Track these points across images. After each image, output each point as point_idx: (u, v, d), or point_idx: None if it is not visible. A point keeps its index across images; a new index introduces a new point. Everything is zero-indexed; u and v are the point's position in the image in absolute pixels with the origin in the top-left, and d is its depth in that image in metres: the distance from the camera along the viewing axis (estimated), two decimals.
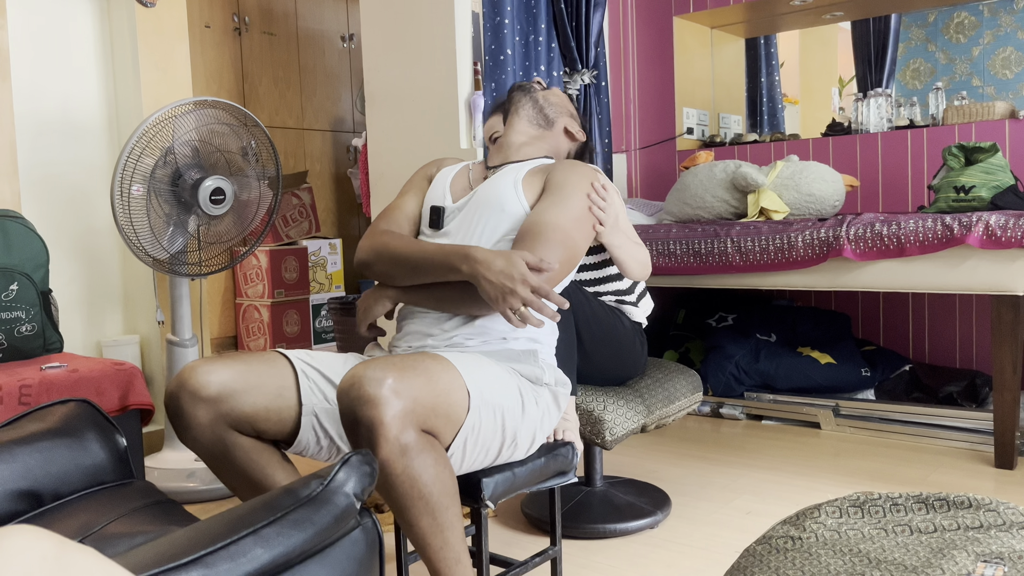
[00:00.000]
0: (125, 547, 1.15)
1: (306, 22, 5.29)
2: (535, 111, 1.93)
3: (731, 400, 3.44)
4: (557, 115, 1.95)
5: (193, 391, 1.51)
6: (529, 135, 1.92)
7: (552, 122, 1.94)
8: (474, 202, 1.77)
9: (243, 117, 2.61)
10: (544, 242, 1.61)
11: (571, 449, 1.78)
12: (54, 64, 2.85)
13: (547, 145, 1.94)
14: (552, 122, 1.94)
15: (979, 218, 2.61)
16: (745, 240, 3.03)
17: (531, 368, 1.65)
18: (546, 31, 3.18)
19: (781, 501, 2.46)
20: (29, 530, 0.69)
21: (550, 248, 1.61)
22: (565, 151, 1.99)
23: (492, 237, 1.72)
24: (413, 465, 1.36)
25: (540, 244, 1.61)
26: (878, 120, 3.68)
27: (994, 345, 2.69)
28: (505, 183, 1.76)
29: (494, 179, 1.79)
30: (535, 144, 1.92)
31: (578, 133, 1.99)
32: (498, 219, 1.72)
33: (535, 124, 1.92)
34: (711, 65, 4.42)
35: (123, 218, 2.44)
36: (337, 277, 5.35)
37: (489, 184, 1.78)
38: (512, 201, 1.72)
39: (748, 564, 1.16)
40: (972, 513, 1.13)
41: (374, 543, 1.08)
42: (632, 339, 2.16)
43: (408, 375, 1.38)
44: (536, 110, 1.93)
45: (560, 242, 1.63)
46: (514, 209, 1.72)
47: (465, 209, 1.77)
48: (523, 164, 1.84)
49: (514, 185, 1.75)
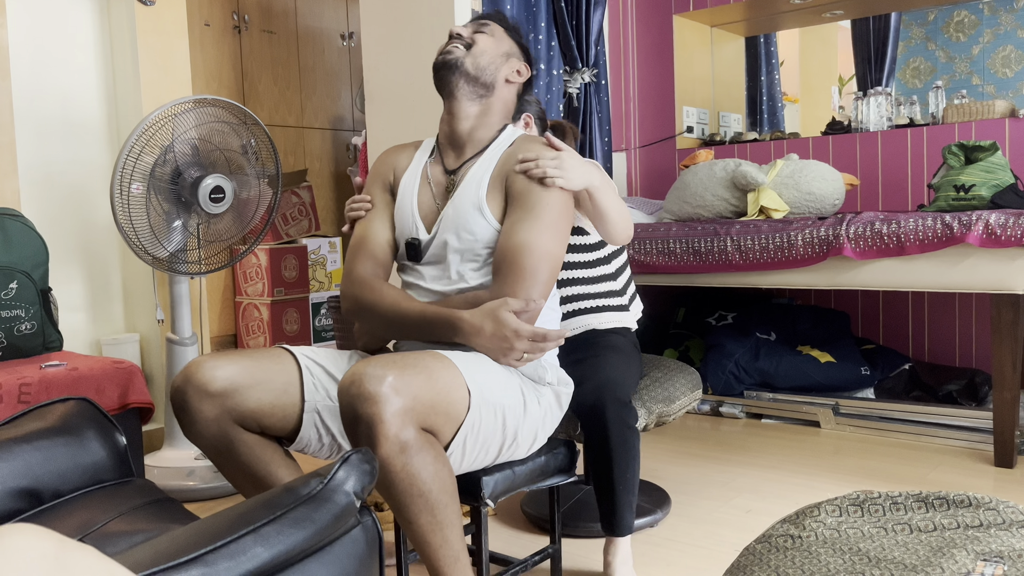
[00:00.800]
0: (125, 545, 1.15)
1: (306, 20, 5.29)
2: (470, 85, 1.74)
3: (731, 399, 3.44)
4: (494, 72, 1.76)
5: (199, 386, 1.51)
6: (474, 114, 1.76)
7: (492, 84, 1.76)
8: (444, 228, 1.70)
9: (243, 115, 2.61)
10: (523, 275, 1.57)
11: (571, 448, 1.78)
12: (54, 63, 2.85)
13: (496, 111, 1.78)
14: (492, 84, 1.76)
15: (979, 217, 2.61)
16: (745, 239, 3.03)
17: (533, 367, 1.65)
18: (546, 29, 3.18)
19: (781, 500, 2.46)
20: (29, 528, 0.69)
21: (532, 277, 1.57)
22: (515, 97, 1.83)
23: (470, 258, 1.68)
24: (412, 463, 1.36)
25: (520, 279, 1.57)
26: (878, 119, 3.68)
27: (994, 344, 2.69)
28: (468, 207, 1.68)
29: (457, 199, 1.70)
30: (484, 120, 1.77)
31: (522, 71, 1.81)
32: (471, 243, 1.67)
33: (476, 98, 1.75)
34: (711, 63, 4.42)
35: (123, 216, 2.44)
36: (337, 275, 5.34)
37: (454, 207, 1.69)
38: (481, 226, 1.66)
39: (748, 563, 1.16)
40: (972, 512, 1.13)
41: (374, 541, 1.08)
42: (631, 358, 2.06)
43: (408, 373, 1.38)
44: (471, 83, 1.74)
45: (539, 262, 1.58)
46: (484, 233, 1.66)
47: (438, 237, 1.70)
48: (482, 167, 1.72)
49: (479, 208, 1.67)
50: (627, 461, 1.81)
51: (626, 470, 1.81)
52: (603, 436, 1.79)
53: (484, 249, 1.67)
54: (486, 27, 1.79)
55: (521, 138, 1.77)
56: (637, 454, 1.83)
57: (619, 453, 1.80)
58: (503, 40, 1.80)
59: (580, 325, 2.10)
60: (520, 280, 1.57)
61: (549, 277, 1.61)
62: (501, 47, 1.79)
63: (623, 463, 1.80)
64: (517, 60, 1.81)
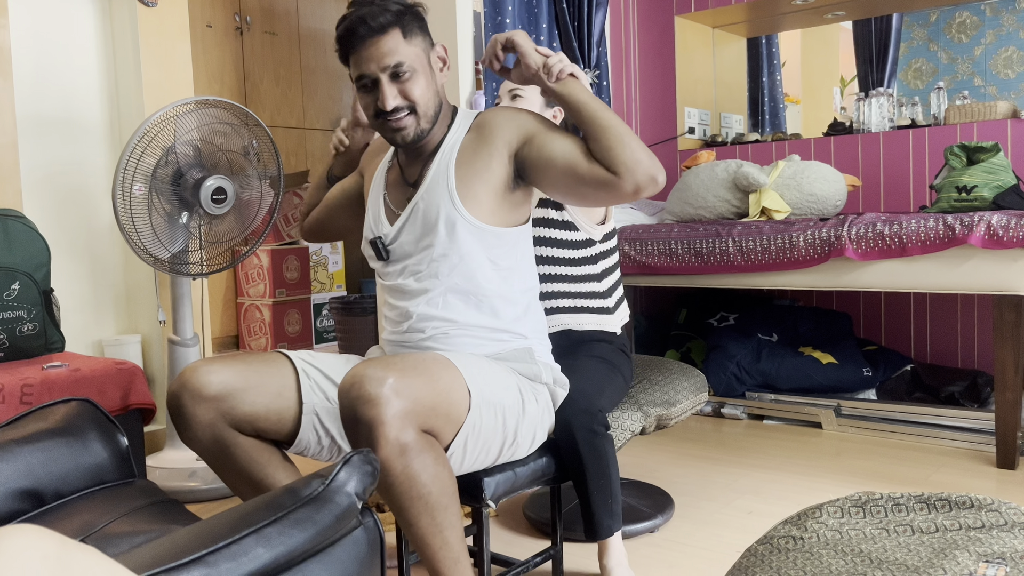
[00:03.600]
0: (127, 546, 1.15)
1: (307, 21, 5.29)
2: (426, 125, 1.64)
3: (733, 400, 3.44)
4: (435, 94, 1.64)
5: (194, 391, 1.51)
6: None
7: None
8: (409, 227, 1.65)
9: (244, 116, 2.62)
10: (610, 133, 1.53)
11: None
12: (56, 64, 2.85)
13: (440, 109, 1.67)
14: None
15: (981, 218, 2.61)
16: (747, 240, 3.03)
17: (529, 366, 1.65)
18: (548, 31, 3.18)
19: (782, 501, 2.46)
20: (31, 529, 0.69)
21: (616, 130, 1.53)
22: (443, 80, 1.70)
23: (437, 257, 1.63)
24: (412, 465, 1.36)
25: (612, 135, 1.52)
26: (880, 120, 3.68)
27: (996, 345, 2.68)
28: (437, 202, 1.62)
29: (425, 195, 1.64)
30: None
31: (443, 56, 1.68)
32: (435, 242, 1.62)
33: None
34: (713, 65, 4.42)
35: (125, 218, 2.44)
36: (338, 277, 5.35)
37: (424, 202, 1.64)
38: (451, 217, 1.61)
39: (750, 564, 1.16)
40: (974, 513, 1.12)
41: (375, 543, 1.08)
42: (612, 367, 2.01)
43: (409, 375, 1.38)
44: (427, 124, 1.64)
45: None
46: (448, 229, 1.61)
47: (402, 235, 1.66)
48: (445, 161, 1.64)
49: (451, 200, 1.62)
50: (599, 467, 1.80)
51: (599, 476, 1.80)
52: (572, 446, 1.78)
53: (449, 247, 1.62)
54: (402, 67, 1.57)
55: (491, 110, 1.70)
56: (611, 458, 1.81)
57: (590, 460, 1.78)
58: (415, 49, 1.59)
59: (557, 324, 2.04)
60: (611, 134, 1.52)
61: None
62: (422, 63, 1.61)
63: (595, 468, 1.79)
64: (431, 49, 1.64)
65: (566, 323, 2.06)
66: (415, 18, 1.61)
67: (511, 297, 1.67)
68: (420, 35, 1.61)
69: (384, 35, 1.56)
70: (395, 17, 1.56)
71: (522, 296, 1.70)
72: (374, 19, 1.54)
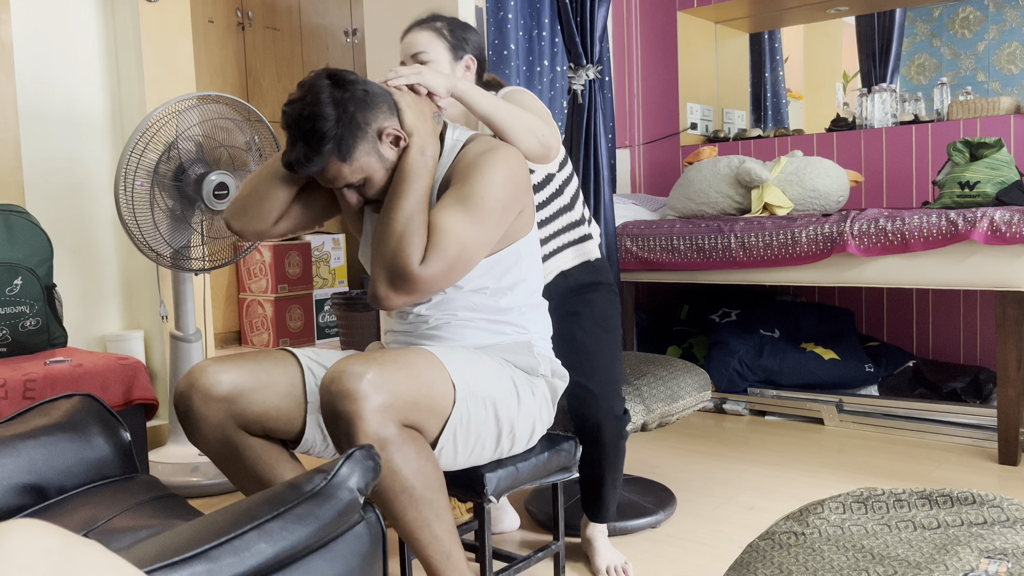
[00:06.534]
0: (129, 541, 1.15)
1: (309, 17, 5.29)
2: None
3: (734, 396, 3.44)
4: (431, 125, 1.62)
5: (204, 391, 1.51)
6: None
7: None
8: None
9: (246, 112, 2.62)
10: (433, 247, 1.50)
11: (574, 444, 1.78)
12: (58, 59, 2.85)
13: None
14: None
15: (984, 214, 2.61)
16: (749, 235, 3.03)
17: (526, 358, 1.64)
18: (550, 26, 3.17)
19: (784, 497, 2.46)
20: (34, 524, 0.69)
21: (437, 251, 1.49)
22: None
23: None
24: (394, 459, 1.37)
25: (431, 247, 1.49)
26: (882, 115, 3.67)
27: (998, 341, 2.68)
28: None
29: None
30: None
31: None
32: None
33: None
34: (715, 60, 4.41)
35: (127, 213, 2.45)
36: (340, 272, 5.35)
37: None
38: None
39: (751, 560, 1.16)
40: (976, 509, 1.12)
41: (377, 537, 1.08)
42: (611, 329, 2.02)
43: (388, 369, 1.39)
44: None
45: (450, 244, 1.49)
46: None
47: None
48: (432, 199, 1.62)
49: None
50: (618, 463, 1.97)
51: (615, 469, 1.96)
52: (598, 445, 1.91)
53: None
54: (352, 183, 1.56)
55: (475, 137, 1.67)
56: (624, 453, 1.98)
57: (612, 457, 1.94)
58: (359, 160, 1.53)
59: (551, 270, 2.01)
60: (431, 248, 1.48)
61: (457, 257, 1.49)
62: (371, 163, 1.54)
63: (614, 463, 1.96)
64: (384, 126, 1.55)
65: (560, 266, 2.02)
66: (350, 123, 1.49)
67: (516, 298, 1.67)
68: (361, 137, 1.51)
69: (323, 169, 1.53)
70: (327, 150, 1.49)
71: (527, 298, 1.70)
72: (309, 160, 1.50)
